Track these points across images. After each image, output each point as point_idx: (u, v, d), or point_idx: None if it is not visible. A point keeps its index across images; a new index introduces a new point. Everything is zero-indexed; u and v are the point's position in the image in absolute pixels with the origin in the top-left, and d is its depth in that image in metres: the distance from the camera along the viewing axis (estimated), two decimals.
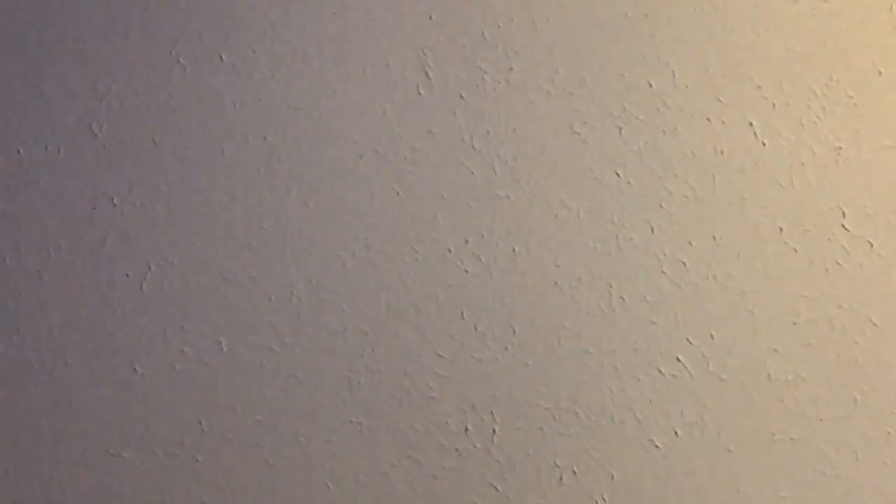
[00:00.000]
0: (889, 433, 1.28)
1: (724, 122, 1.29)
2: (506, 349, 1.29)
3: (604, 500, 1.29)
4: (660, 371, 1.29)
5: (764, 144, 1.29)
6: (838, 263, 1.28)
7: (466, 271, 1.29)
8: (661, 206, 1.29)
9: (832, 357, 1.28)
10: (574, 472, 1.29)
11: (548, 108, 1.30)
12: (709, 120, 1.29)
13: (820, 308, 1.28)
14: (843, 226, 1.28)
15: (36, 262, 1.30)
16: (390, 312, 1.29)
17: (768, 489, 1.28)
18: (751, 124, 1.29)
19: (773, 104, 1.29)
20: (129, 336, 1.29)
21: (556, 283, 1.29)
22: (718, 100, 1.29)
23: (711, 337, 1.29)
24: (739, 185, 1.29)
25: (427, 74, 1.30)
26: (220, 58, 1.31)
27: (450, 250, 1.29)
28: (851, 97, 1.29)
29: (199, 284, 1.29)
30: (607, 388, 1.28)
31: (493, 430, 1.29)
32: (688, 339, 1.29)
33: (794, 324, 1.28)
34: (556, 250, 1.29)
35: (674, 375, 1.29)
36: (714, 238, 1.29)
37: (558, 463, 1.29)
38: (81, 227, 1.30)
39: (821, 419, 1.29)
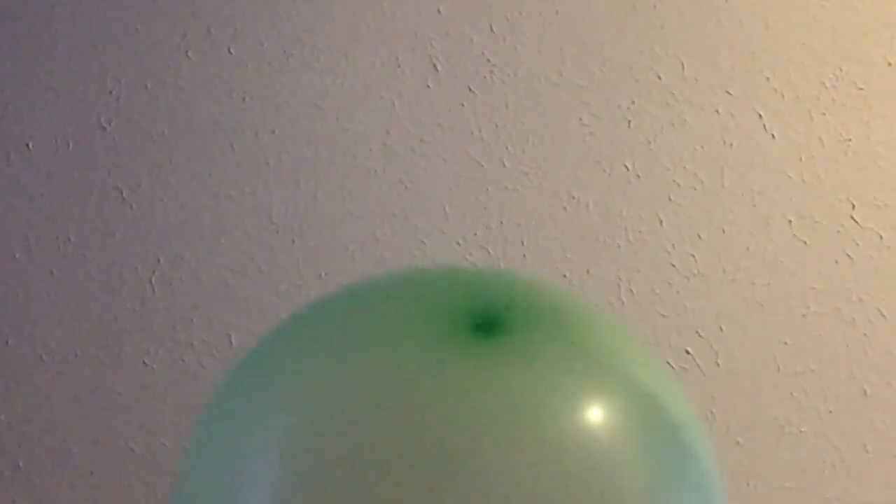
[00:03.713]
0: None
1: (732, 115, 1.29)
2: None
3: None
4: (669, 364, 1.29)
5: (773, 136, 1.29)
6: (848, 255, 1.28)
7: (475, 264, 1.29)
8: (669, 199, 1.29)
9: (842, 349, 1.28)
10: None
11: (556, 101, 1.30)
12: (718, 112, 1.29)
13: (829, 300, 1.28)
14: (853, 217, 1.28)
15: (45, 256, 1.30)
16: None
17: (777, 481, 1.28)
18: (760, 116, 1.29)
19: (783, 96, 1.29)
20: (138, 329, 1.30)
21: (564, 276, 1.29)
22: (727, 92, 1.29)
23: (721, 329, 1.29)
24: (748, 177, 1.29)
25: (435, 67, 1.30)
26: (229, 51, 1.31)
27: (458, 243, 1.29)
28: (861, 89, 1.29)
29: (208, 278, 1.30)
30: None
31: None
32: (697, 332, 1.29)
33: (804, 316, 1.28)
34: (564, 243, 1.29)
35: (683, 368, 1.29)
36: (723, 230, 1.29)
37: None
38: (91, 221, 1.30)
39: (830, 411, 1.28)
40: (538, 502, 0.57)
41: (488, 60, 1.30)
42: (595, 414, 0.61)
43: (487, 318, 0.62)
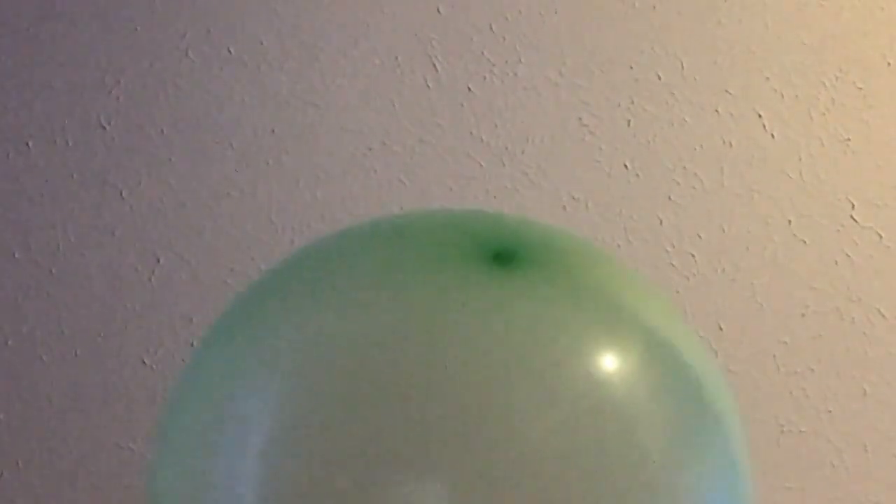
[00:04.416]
0: None
1: (732, 114, 1.29)
2: None
3: None
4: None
5: (773, 136, 1.29)
6: (847, 255, 1.28)
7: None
8: (669, 199, 1.29)
9: (841, 349, 1.28)
10: None
11: (556, 101, 1.30)
12: (717, 112, 1.29)
13: (829, 300, 1.28)
14: (852, 217, 1.28)
15: (45, 255, 1.30)
16: None
17: (777, 481, 1.28)
18: (759, 116, 1.29)
19: (782, 95, 1.29)
20: (138, 329, 1.30)
21: None
22: (727, 91, 1.29)
23: (720, 329, 1.29)
24: (748, 176, 1.29)
25: (435, 67, 1.30)
26: (229, 51, 1.31)
27: None
28: (861, 89, 1.29)
29: (207, 277, 1.30)
30: None
31: None
32: (697, 332, 1.29)
33: (803, 316, 1.28)
34: None
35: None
36: (723, 230, 1.29)
37: None
38: (90, 220, 1.30)
39: (830, 411, 1.28)
40: (548, 436, 0.55)
41: (488, 60, 1.30)
42: (608, 356, 0.59)
43: (508, 249, 0.62)
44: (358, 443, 0.55)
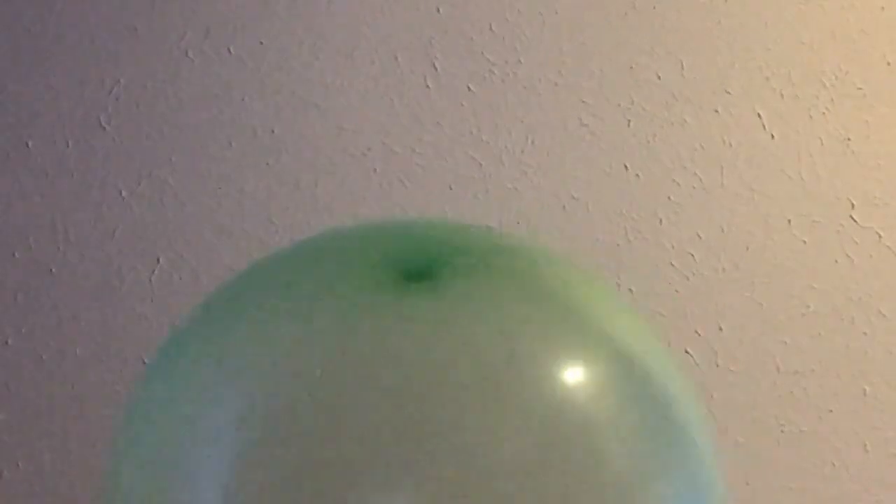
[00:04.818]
0: None
1: (732, 114, 1.29)
2: None
3: None
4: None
5: (772, 136, 1.29)
6: (847, 255, 1.28)
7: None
8: (669, 198, 1.29)
9: (841, 349, 1.28)
10: None
11: (556, 100, 1.30)
12: (717, 112, 1.29)
13: (829, 300, 1.28)
14: (852, 217, 1.28)
15: (45, 255, 1.30)
16: None
17: (777, 481, 1.28)
18: (759, 116, 1.29)
19: (782, 95, 1.29)
20: (138, 329, 1.30)
21: None
22: (727, 91, 1.29)
23: (720, 329, 1.29)
24: (748, 176, 1.29)
25: (435, 67, 1.30)
26: (229, 51, 1.31)
27: None
28: (860, 88, 1.29)
29: (208, 277, 1.30)
30: None
31: None
32: (696, 332, 1.29)
33: (803, 315, 1.28)
34: (564, 243, 1.29)
35: (682, 368, 1.28)
36: (722, 230, 1.29)
37: None
38: (90, 221, 1.30)
39: (830, 411, 1.28)
40: (510, 454, 0.54)
41: (488, 60, 1.30)
42: (570, 369, 0.58)
43: (419, 265, 0.61)
44: (320, 459, 0.55)
